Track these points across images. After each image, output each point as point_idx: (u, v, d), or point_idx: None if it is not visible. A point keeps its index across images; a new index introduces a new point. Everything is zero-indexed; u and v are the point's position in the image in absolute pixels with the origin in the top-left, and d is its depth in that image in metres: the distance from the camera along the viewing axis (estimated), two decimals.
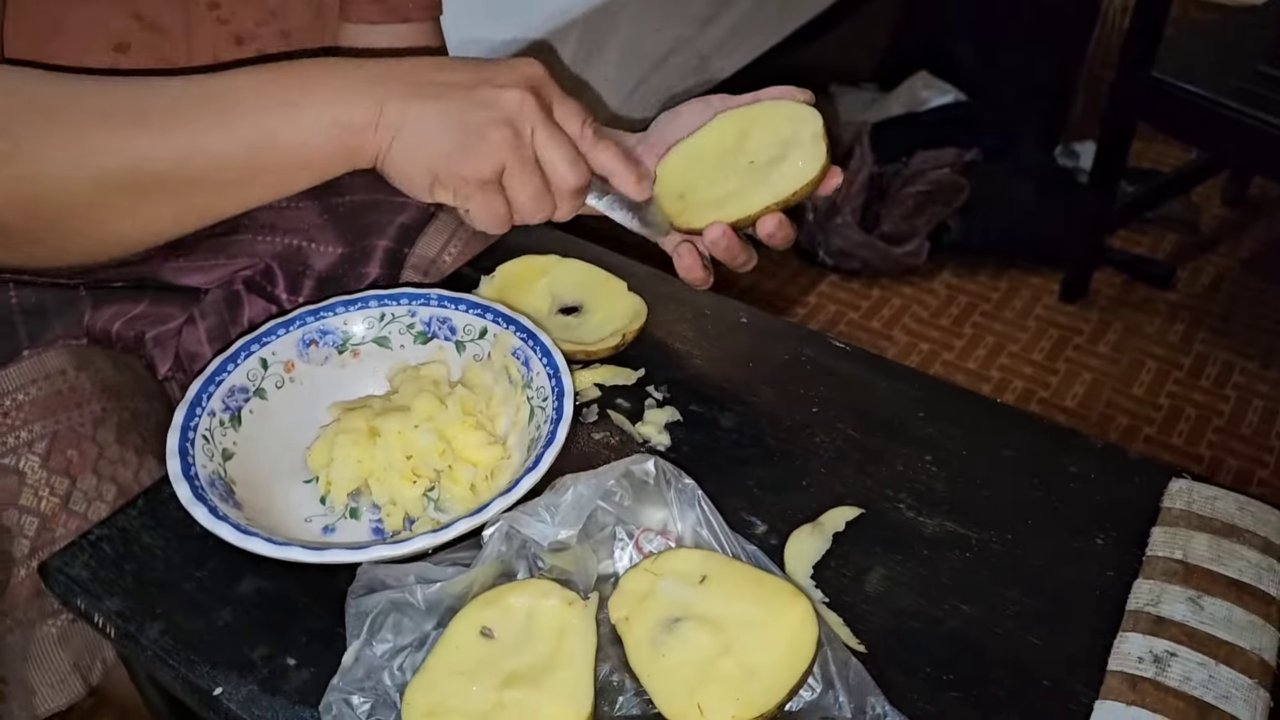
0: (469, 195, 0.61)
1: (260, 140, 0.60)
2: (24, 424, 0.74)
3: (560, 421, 0.64)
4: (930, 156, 2.18)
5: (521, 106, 0.60)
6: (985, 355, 2.04)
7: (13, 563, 0.72)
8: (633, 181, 0.65)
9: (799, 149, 0.70)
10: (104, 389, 0.78)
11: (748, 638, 0.55)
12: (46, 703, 0.73)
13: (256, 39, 0.81)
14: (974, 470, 0.71)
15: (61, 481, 0.73)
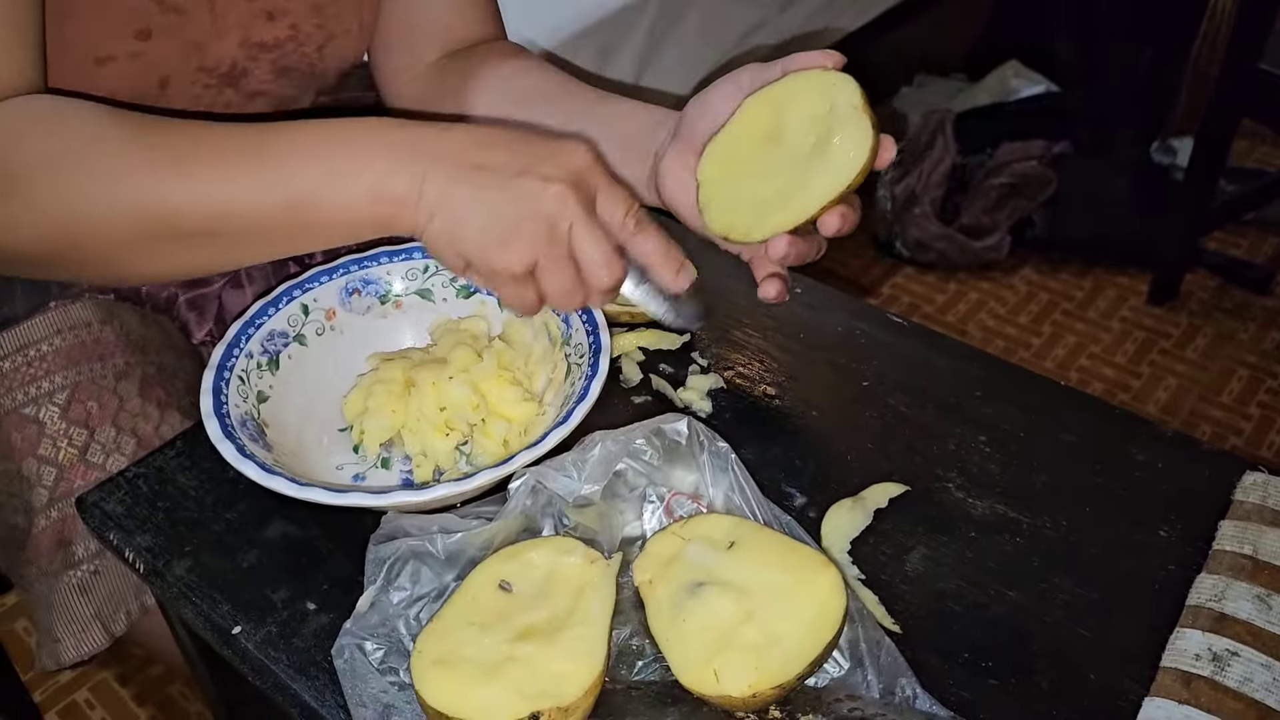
0: (501, 285, 0.59)
1: (301, 203, 0.58)
2: (46, 374, 0.74)
3: (595, 378, 0.62)
4: (1016, 148, 2.10)
5: (563, 203, 0.57)
6: (1065, 355, 1.96)
7: (33, 511, 0.73)
8: (671, 274, 0.61)
9: (842, 130, 0.63)
10: (129, 343, 0.79)
11: (772, 605, 0.52)
12: (69, 651, 0.74)
13: (288, 13, 0.79)
14: (1031, 453, 0.68)
15: (80, 433, 0.74)
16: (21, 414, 0.73)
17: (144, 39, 0.72)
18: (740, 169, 0.66)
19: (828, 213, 0.63)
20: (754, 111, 0.66)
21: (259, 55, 0.79)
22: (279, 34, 0.79)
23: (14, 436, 0.73)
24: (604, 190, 0.59)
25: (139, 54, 0.72)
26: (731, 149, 0.67)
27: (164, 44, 0.73)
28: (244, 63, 0.78)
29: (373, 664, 0.53)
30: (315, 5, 0.80)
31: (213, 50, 0.76)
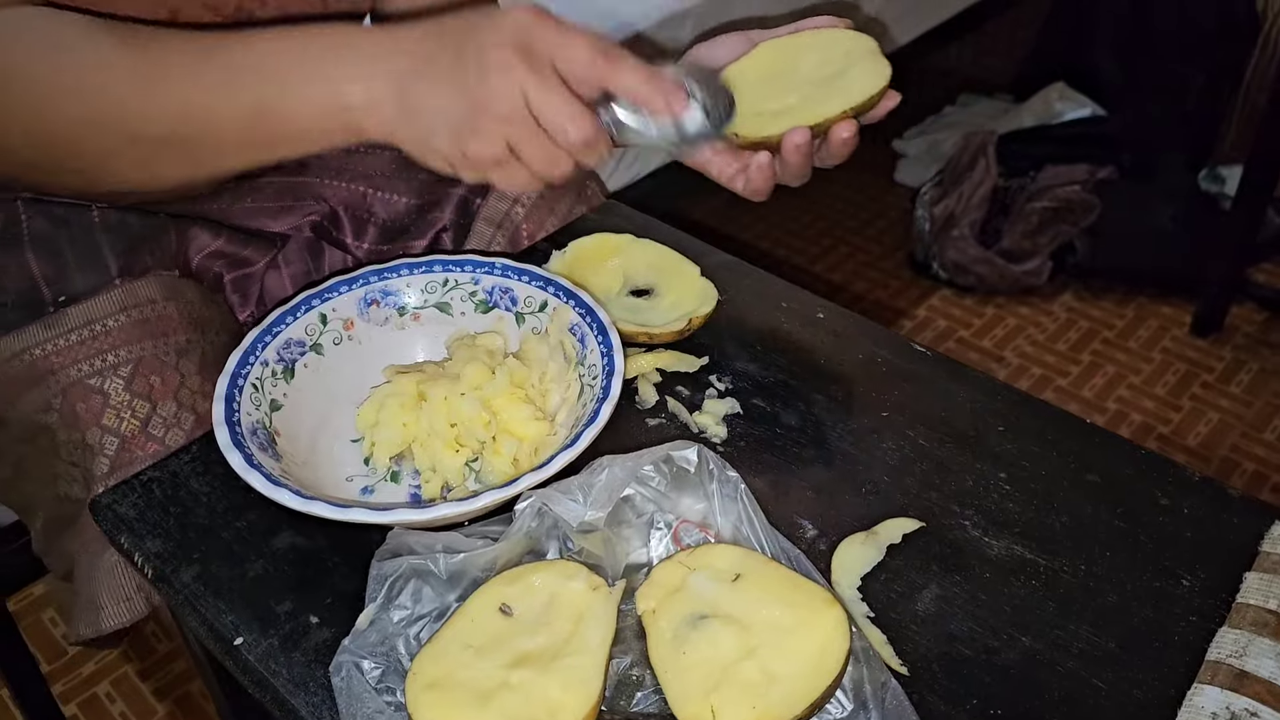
0: (487, 173, 0.60)
1: (256, 111, 0.61)
2: (111, 348, 0.76)
3: (605, 400, 0.62)
4: (1060, 172, 2.07)
5: (509, 72, 0.56)
6: (1103, 385, 1.93)
7: (93, 480, 0.74)
8: (661, 99, 0.59)
9: (859, 65, 0.66)
10: (191, 321, 0.80)
11: (774, 643, 0.51)
12: (111, 619, 0.75)
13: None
14: (1052, 493, 0.66)
15: (143, 405, 0.75)
16: (86, 384, 0.74)
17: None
18: (752, 89, 0.68)
19: (843, 122, 0.64)
20: (768, 53, 0.70)
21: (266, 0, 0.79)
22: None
23: (79, 406, 0.74)
24: (558, 40, 0.57)
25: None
26: (741, 77, 0.69)
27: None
28: (249, 5, 0.78)
29: (370, 683, 0.53)
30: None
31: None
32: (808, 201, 2.39)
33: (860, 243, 2.26)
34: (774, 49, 0.69)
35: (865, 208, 2.36)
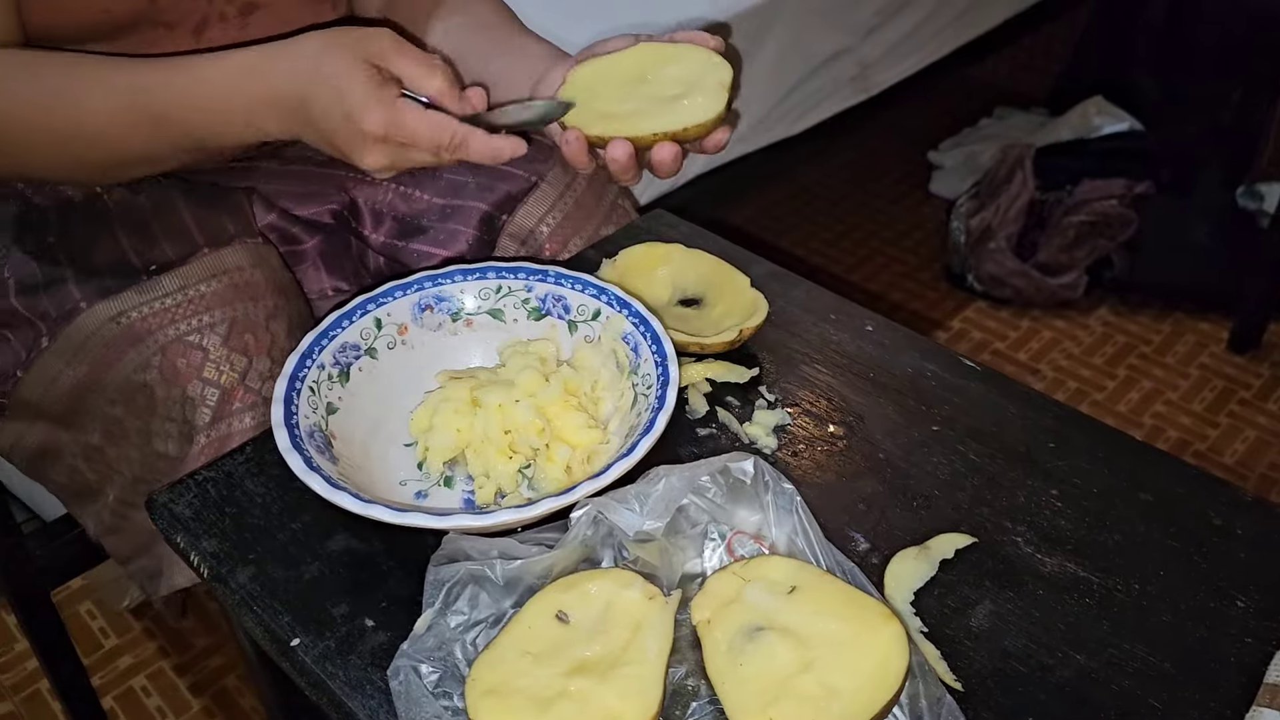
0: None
1: (188, 147, 0.75)
2: (206, 309, 0.79)
3: (661, 410, 0.62)
4: (1097, 186, 2.06)
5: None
6: (1139, 400, 1.91)
7: (195, 431, 0.77)
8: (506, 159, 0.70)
9: (701, 92, 0.70)
10: (277, 287, 0.83)
11: (832, 656, 0.51)
12: (178, 578, 0.78)
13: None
14: (1105, 511, 0.66)
15: (240, 359, 0.78)
16: (186, 341, 0.78)
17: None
18: (606, 85, 0.74)
19: (662, 144, 0.70)
20: (639, 54, 0.74)
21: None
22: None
23: (179, 361, 0.77)
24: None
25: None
26: (606, 69, 0.74)
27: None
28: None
29: (427, 687, 0.54)
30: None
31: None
32: (842, 211, 2.38)
33: (895, 254, 2.26)
34: (646, 51, 0.74)
35: (900, 219, 2.35)
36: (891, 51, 1.92)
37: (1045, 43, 2.71)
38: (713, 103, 0.70)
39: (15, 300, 0.82)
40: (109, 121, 0.73)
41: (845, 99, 1.88)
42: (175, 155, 0.77)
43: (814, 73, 1.76)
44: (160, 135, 0.73)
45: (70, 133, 0.74)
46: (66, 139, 0.74)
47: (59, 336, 0.81)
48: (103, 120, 0.73)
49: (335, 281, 0.94)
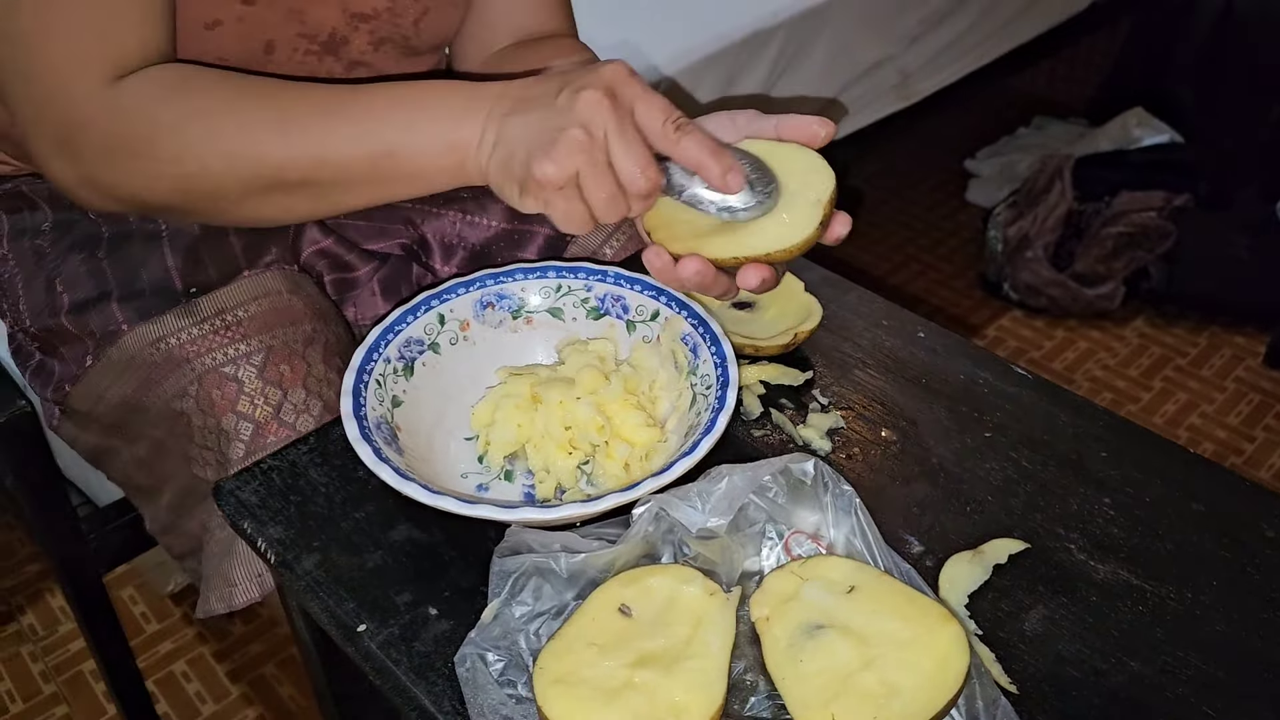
0: (549, 199, 0.62)
1: (385, 153, 0.67)
2: (244, 337, 0.79)
3: (721, 411, 0.63)
4: (1136, 197, 2.06)
5: (596, 110, 0.61)
6: (1174, 412, 1.91)
7: (228, 464, 0.78)
8: (718, 174, 0.62)
9: (796, 207, 0.64)
10: (314, 312, 0.84)
11: (892, 655, 0.52)
12: (242, 595, 0.79)
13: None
14: (1157, 520, 0.66)
15: (274, 392, 0.78)
16: (221, 372, 0.78)
17: (249, 3, 0.76)
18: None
19: (749, 267, 0.64)
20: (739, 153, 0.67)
21: (358, 25, 0.82)
22: (377, 4, 0.83)
23: (215, 393, 0.77)
24: (641, 99, 0.62)
25: (243, 18, 0.77)
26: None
27: (267, 8, 0.77)
28: (343, 30, 0.82)
29: (493, 675, 0.55)
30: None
31: (313, 15, 0.80)
32: (879, 217, 2.38)
33: (931, 260, 2.26)
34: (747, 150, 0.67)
35: (937, 226, 2.36)
36: (933, 60, 1.93)
37: (1085, 53, 2.71)
38: (804, 223, 0.64)
39: (65, 318, 0.84)
40: (305, 108, 0.68)
41: (886, 106, 1.88)
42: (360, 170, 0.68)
43: (857, 79, 1.77)
44: (359, 132, 0.67)
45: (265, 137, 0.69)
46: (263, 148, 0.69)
47: (103, 356, 0.83)
48: (305, 112, 0.68)
49: (390, 306, 0.93)
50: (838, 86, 1.74)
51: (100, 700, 1.43)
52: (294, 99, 0.69)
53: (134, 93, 0.68)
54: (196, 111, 0.69)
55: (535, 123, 0.63)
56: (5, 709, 1.43)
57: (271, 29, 0.78)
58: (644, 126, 0.62)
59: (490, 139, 0.65)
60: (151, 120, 0.69)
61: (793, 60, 1.61)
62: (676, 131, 0.62)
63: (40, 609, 1.55)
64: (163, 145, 0.69)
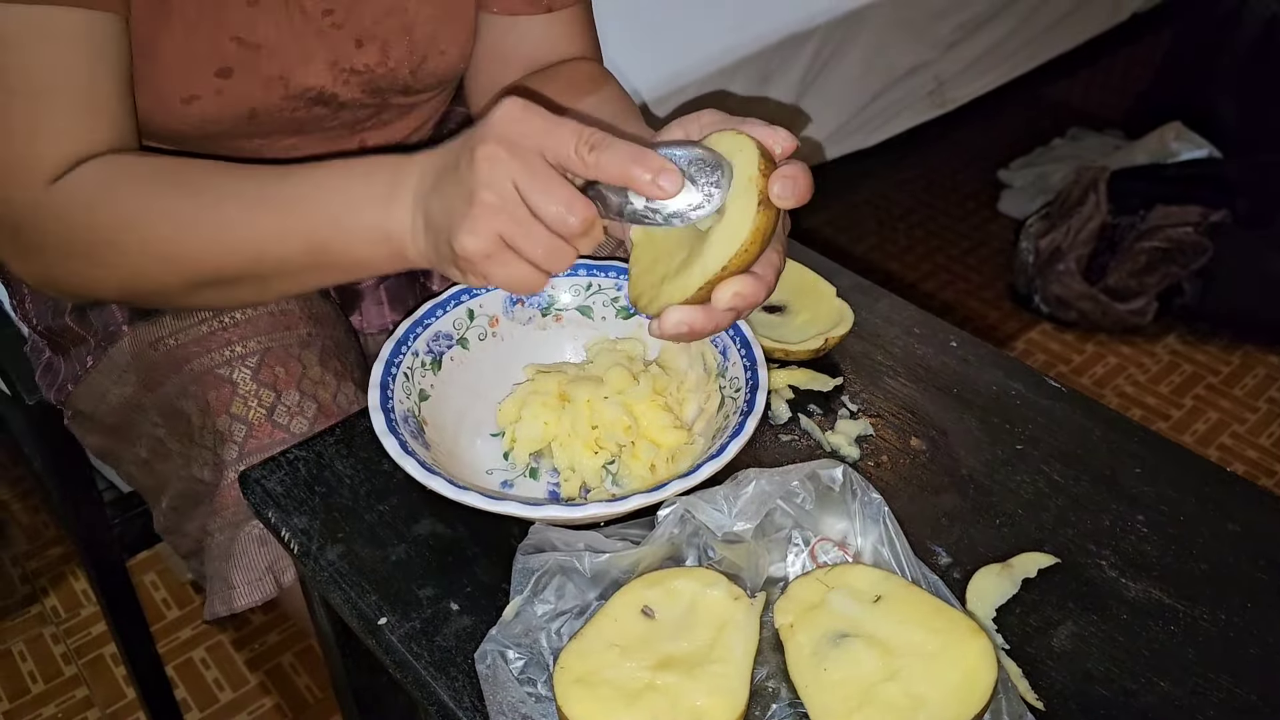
0: (485, 271, 0.58)
1: (317, 247, 0.65)
2: (239, 339, 0.79)
3: (750, 415, 0.62)
4: (1172, 212, 2.03)
5: (494, 165, 0.56)
6: (1205, 431, 1.88)
7: (224, 465, 0.77)
8: (648, 181, 0.56)
9: (735, 202, 0.57)
10: (311, 315, 0.83)
11: (918, 666, 0.52)
12: (243, 598, 0.78)
13: (377, 38, 0.79)
14: (1191, 539, 0.65)
15: (268, 394, 0.78)
16: (217, 374, 0.78)
17: (226, 76, 0.75)
18: (659, 234, 0.63)
19: (721, 286, 0.58)
20: None
21: (349, 79, 0.80)
22: (369, 59, 0.80)
23: (211, 394, 0.78)
24: (543, 133, 0.56)
25: (222, 90, 0.75)
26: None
27: (247, 80, 0.76)
28: (333, 87, 0.80)
29: (513, 673, 0.54)
30: (406, 27, 0.81)
31: (297, 80, 0.78)
32: (909, 225, 2.37)
33: (960, 270, 2.24)
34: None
35: (968, 236, 2.34)
36: (969, 68, 1.92)
37: (1123, 64, 2.68)
38: (744, 212, 0.57)
39: (69, 318, 0.85)
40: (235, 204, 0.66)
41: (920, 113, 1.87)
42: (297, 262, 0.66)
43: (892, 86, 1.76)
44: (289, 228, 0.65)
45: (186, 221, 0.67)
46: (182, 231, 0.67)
47: (103, 357, 0.83)
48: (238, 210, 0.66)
49: (396, 316, 0.92)
50: (872, 92, 1.73)
51: (120, 684, 1.44)
52: (228, 194, 0.67)
53: (69, 197, 0.68)
54: (130, 216, 0.67)
55: (447, 197, 0.58)
56: (27, 689, 1.44)
57: (253, 98, 0.77)
58: (557, 159, 0.57)
59: (420, 223, 0.61)
60: (87, 226, 0.68)
61: (827, 64, 1.60)
62: (591, 152, 0.56)
63: (63, 591, 1.57)
64: (101, 252, 0.69)
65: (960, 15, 1.82)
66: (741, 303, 0.58)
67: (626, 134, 0.67)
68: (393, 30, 0.80)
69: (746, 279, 0.58)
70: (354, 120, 0.84)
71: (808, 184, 0.58)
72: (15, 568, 1.61)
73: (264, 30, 0.75)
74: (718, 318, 0.59)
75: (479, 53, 0.88)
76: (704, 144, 0.60)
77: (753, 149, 0.58)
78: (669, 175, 0.56)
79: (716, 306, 0.58)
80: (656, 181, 0.56)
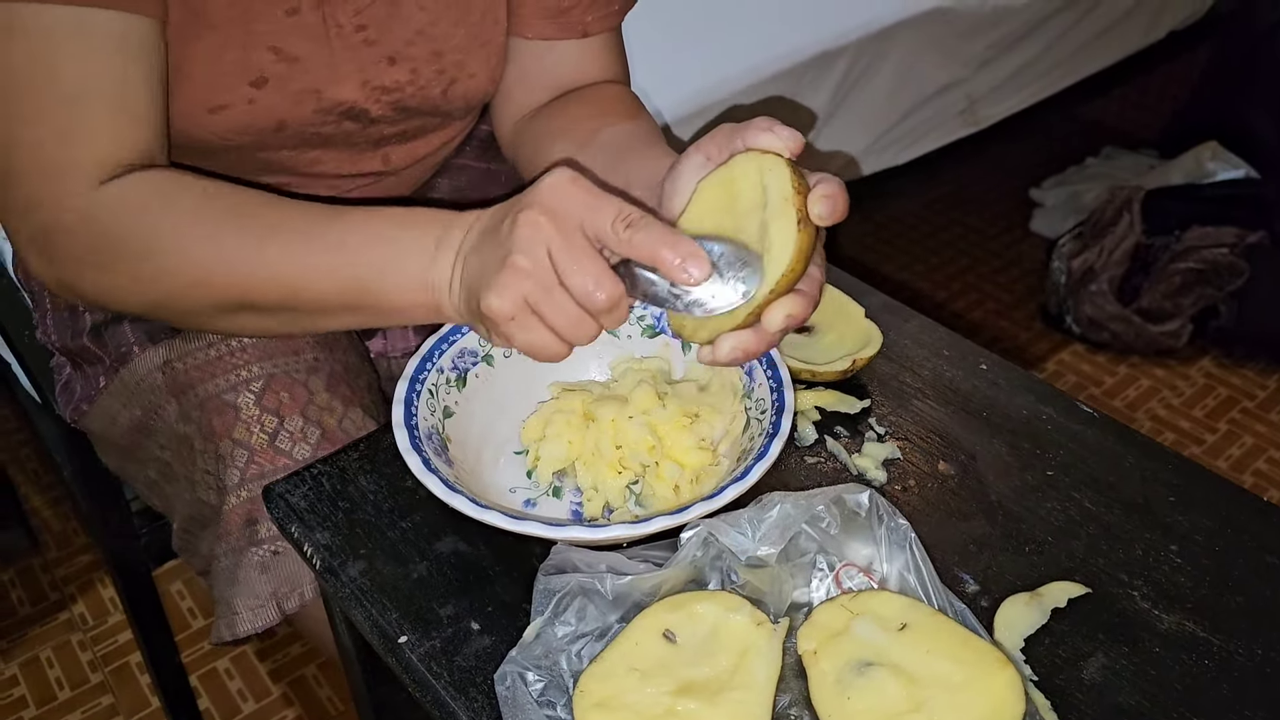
0: (507, 333, 0.59)
1: (357, 290, 0.65)
2: (244, 364, 0.79)
3: (776, 437, 0.62)
4: (1207, 233, 2.00)
5: (535, 232, 0.57)
6: (1240, 456, 1.85)
7: (226, 490, 0.77)
8: (675, 265, 0.56)
9: (774, 223, 0.58)
10: (319, 340, 0.83)
11: (944, 698, 0.51)
12: (245, 624, 0.78)
13: (409, 59, 0.80)
14: (1226, 570, 0.64)
15: (271, 420, 0.78)
16: (222, 399, 0.78)
17: (259, 87, 0.75)
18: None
19: (771, 308, 0.58)
20: (707, 196, 0.62)
21: (380, 97, 0.81)
22: (399, 78, 0.80)
23: (214, 420, 0.77)
24: (585, 206, 0.57)
25: (253, 100, 0.75)
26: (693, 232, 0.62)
27: (279, 91, 0.76)
28: (364, 103, 0.80)
29: (532, 695, 0.54)
30: (436, 51, 0.81)
31: (329, 94, 0.78)
32: (939, 243, 2.35)
33: (991, 290, 2.22)
34: (713, 187, 0.62)
35: (999, 255, 2.32)
36: (1002, 86, 1.90)
37: (1159, 83, 2.66)
38: (786, 232, 0.57)
39: (86, 339, 0.85)
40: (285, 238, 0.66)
41: (952, 131, 1.86)
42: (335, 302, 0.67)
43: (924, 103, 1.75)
44: (334, 268, 0.65)
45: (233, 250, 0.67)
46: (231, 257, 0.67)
47: (115, 380, 0.84)
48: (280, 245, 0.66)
49: (420, 339, 0.92)
50: (903, 110, 1.72)
51: (145, 692, 1.45)
52: (278, 227, 0.67)
53: (111, 208, 0.67)
54: (172, 235, 0.67)
55: (485, 257, 0.59)
56: (54, 696, 1.45)
57: (283, 110, 0.77)
58: (595, 233, 0.57)
59: (458, 280, 0.62)
60: (126, 240, 0.67)
61: (858, 82, 1.60)
62: (627, 230, 0.57)
63: (91, 598, 1.58)
64: (138, 266, 0.68)
65: (993, 33, 1.81)
66: (792, 323, 0.59)
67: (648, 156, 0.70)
68: (423, 51, 0.81)
69: (794, 299, 0.58)
70: (380, 136, 0.85)
71: (845, 201, 0.58)
72: (45, 574, 1.62)
73: (298, 43, 0.75)
74: (770, 339, 0.60)
75: (509, 76, 0.88)
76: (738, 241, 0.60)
77: (783, 168, 0.58)
78: (697, 262, 0.57)
79: (769, 329, 0.59)
80: (684, 266, 0.56)
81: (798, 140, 0.61)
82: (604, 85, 0.87)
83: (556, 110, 0.85)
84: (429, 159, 0.91)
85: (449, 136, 0.91)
